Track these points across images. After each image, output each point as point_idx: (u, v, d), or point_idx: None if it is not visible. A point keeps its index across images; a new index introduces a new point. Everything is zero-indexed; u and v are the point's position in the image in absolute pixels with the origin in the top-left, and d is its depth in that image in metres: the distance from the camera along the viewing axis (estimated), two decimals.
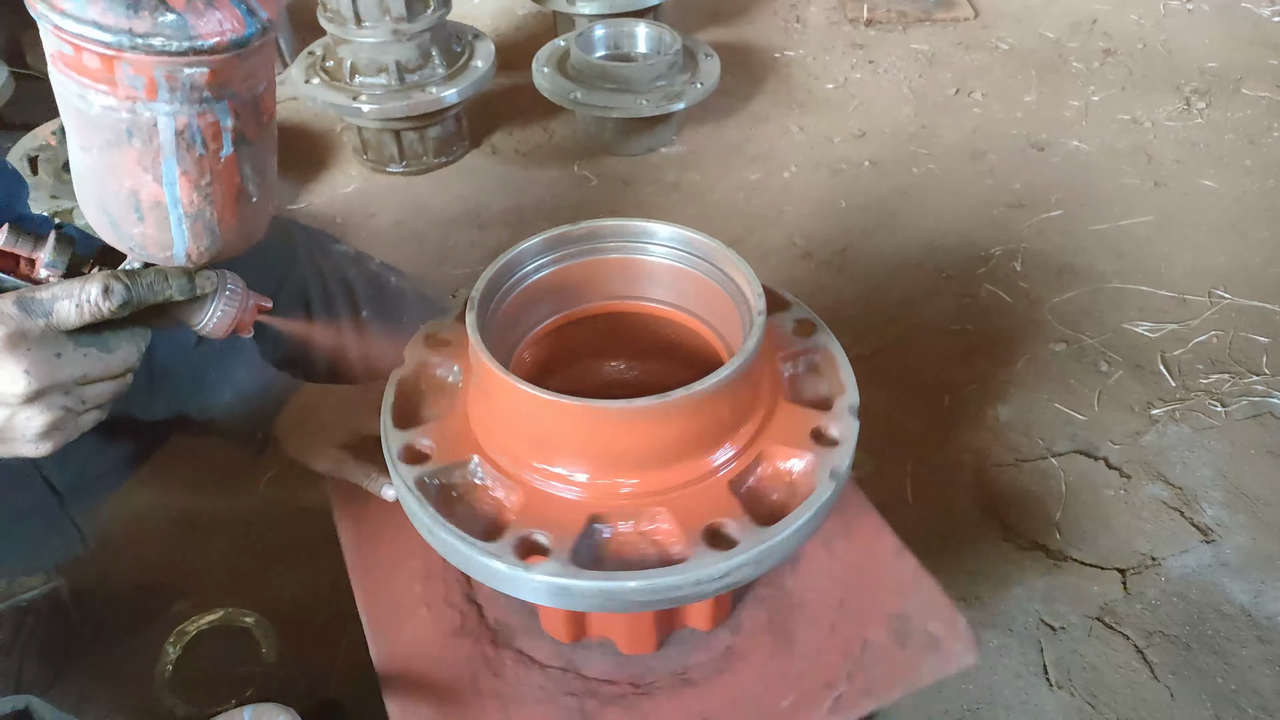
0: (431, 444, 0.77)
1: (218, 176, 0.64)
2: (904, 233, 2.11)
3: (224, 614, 1.22)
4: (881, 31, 2.94)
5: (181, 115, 0.60)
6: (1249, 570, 1.40)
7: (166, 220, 0.64)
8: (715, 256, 0.82)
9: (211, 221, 0.66)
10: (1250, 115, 2.47)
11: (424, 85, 2.19)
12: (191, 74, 0.58)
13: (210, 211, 0.65)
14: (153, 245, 0.66)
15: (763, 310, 0.74)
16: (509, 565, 0.68)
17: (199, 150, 0.62)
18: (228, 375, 1.03)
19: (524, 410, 0.71)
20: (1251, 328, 1.82)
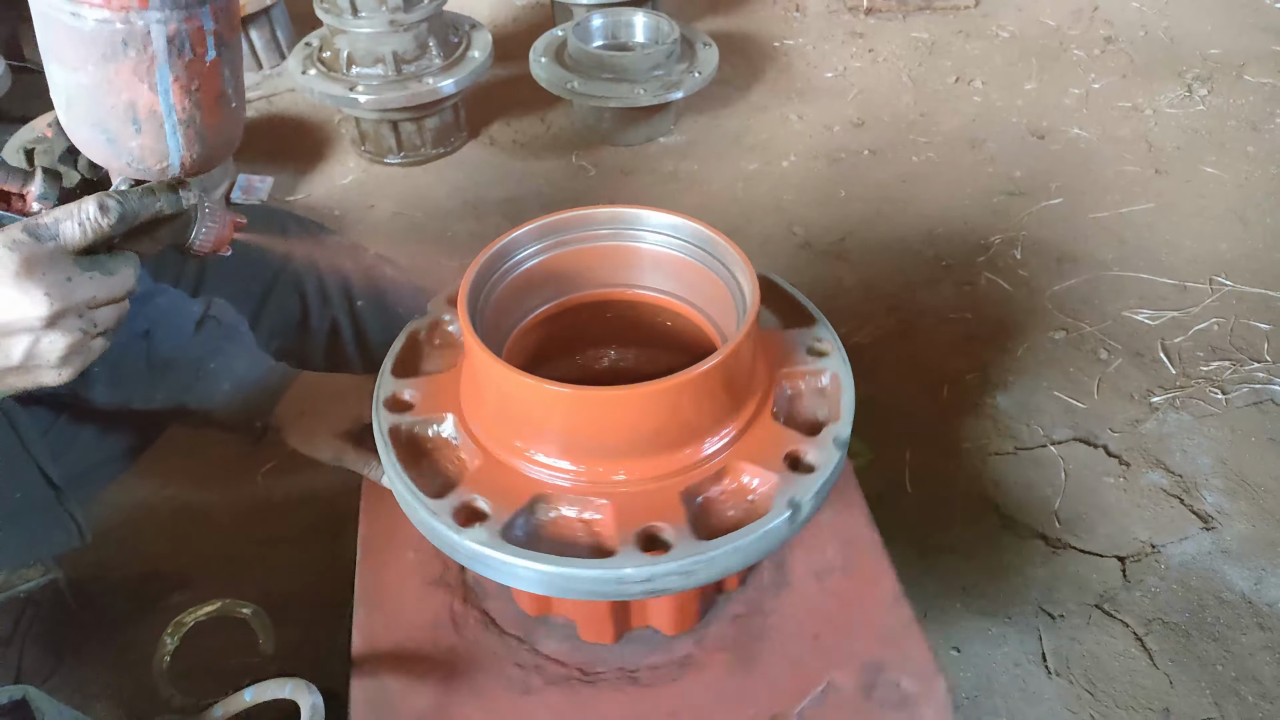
0: (416, 395, 0.79)
1: (205, 81, 0.67)
2: (903, 221, 2.10)
3: (222, 605, 1.21)
4: (881, 20, 2.93)
5: (171, 21, 0.63)
6: (1249, 557, 1.40)
7: (162, 129, 0.67)
8: (708, 243, 0.82)
9: (201, 127, 0.68)
10: (1252, 101, 2.46)
11: (421, 76, 2.18)
12: None
13: (199, 116, 0.68)
14: (150, 155, 0.68)
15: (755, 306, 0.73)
16: (445, 525, 0.69)
17: (188, 55, 0.65)
18: (227, 365, 1.03)
19: (488, 378, 0.72)
20: (1253, 314, 1.81)
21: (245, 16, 2.63)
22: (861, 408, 0.78)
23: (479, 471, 0.74)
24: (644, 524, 0.69)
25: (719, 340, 0.86)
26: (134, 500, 1.47)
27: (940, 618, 1.34)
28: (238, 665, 1.26)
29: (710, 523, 0.72)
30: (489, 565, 0.69)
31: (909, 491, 1.51)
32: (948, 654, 1.30)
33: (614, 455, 0.72)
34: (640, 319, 0.91)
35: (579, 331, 0.91)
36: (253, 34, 2.72)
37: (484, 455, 0.75)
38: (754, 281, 0.75)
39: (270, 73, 2.78)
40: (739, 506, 0.73)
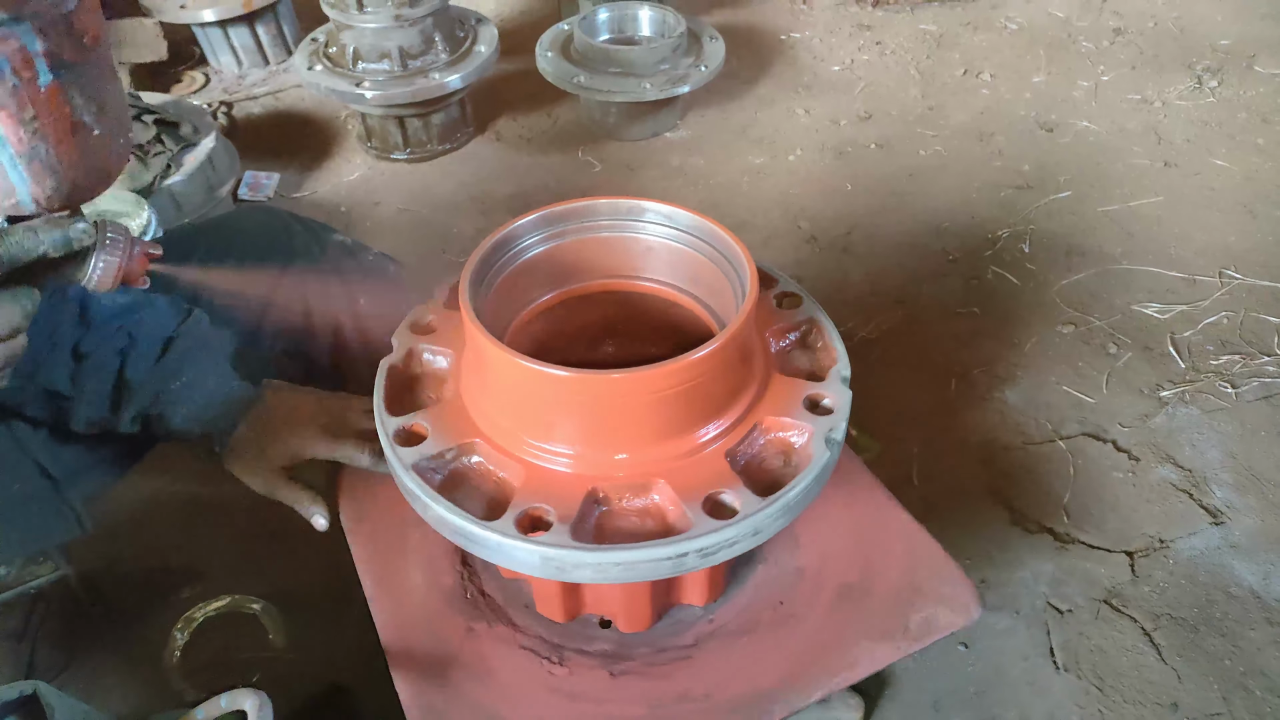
0: (427, 427, 0.78)
1: (43, 108, 0.59)
2: (911, 215, 2.10)
3: (231, 600, 1.22)
4: (889, 12, 2.92)
5: None
6: (1258, 552, 1.39)
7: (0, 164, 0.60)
8: (706, 234, 0.82)
9: (50, 159, 0.61)
10: (1263, 93, 2.44)
11: (427, 71, 2.18)
12: None
13: (45, 148, 0.60)
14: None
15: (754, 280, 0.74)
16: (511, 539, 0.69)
17: (10, 80, 0.57)
18: (188, 388, 1.02)
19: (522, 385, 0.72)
20: (1263, 308, 1.80)
21: (252, 12, 2.63)
22: (869, 402, 0.80)
23: (526, 483, 0.73)
24: (706, 493, 0.70)
25: (716, 328, 0.86)
26: (143, 495, 1.48)
27: None
28: (248, 659, 1.27)
29: (760, 479, 0.74)
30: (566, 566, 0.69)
31: (916, 485, 1.51)
32: (955, 649, 1.29)
33: (657, 436, 0.73)
34: (640, 309, 0.91)
35: (579, 322, 0.92)
36: (259, 29, 2.72)
37: (524, 467, 0.74)
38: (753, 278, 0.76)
39: (276, 68, 2.79)
40: (779, 457, 0.76)
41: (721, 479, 0.71)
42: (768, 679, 0.84)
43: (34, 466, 0.98)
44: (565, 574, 0.69)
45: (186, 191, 1.86)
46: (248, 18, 2.67)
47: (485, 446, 0.76)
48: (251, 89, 2.69)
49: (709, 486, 0.71)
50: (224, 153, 2.02)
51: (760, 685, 0.83)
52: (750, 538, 0.70)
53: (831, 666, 0.84)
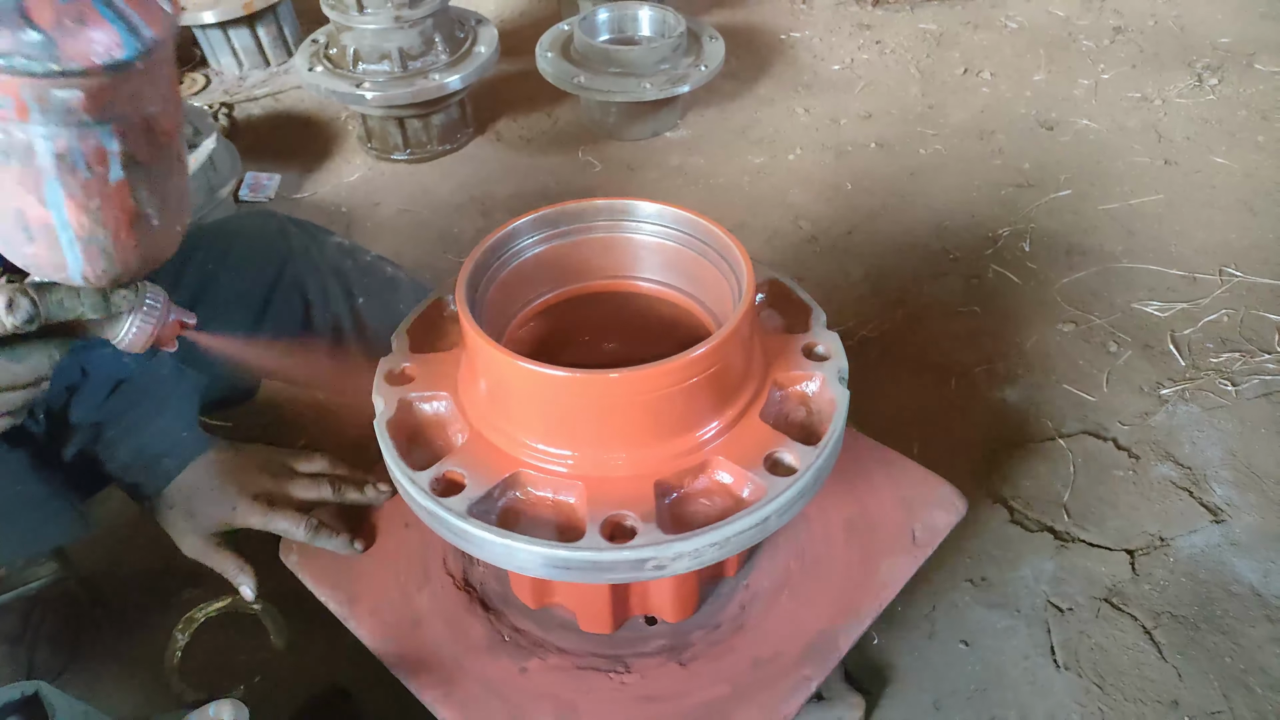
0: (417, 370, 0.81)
1: (108, 200, 0.60)
2: (911, 214, 2.10)
3: (232, 601, 1.23)
4: (889, 11, 2.92)
5: (60, 138, 0.56)
6: (1258, 549, 1.39)
7: (57, 242, 0.61)
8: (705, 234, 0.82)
9: (107, 245, 0.62)
10: (1263, 91, 2.44)
11: (427, 72, 2.18)
12: (64, 96, 0.54)
13: (104, 234, 0.62)
14: (46, 265, 0.63)
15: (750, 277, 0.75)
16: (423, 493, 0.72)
17: (83, 174, 0.58)
18: (125, 434, 1.01)
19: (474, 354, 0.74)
20: (1263, 305, 1.80)
21: (252, 14, 2.64)
22: (869, 401, 0.80)
23: (464, 447, 0.76)
24: (612, 511, 0.70)
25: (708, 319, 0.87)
26: None
27: (948, 611, 1.33)
28: (248, 661, 1.28)
29: (684, 515, 0.73)
30: (458, 535, 0.71)
31: None
32: (956, 647, 1.29)
33: (591, 441, 0.73)
34: (639, 310, 0.91)
35: (578, 322, 0.92)
36: (259, 31, 2.73)
37: (470, 432, 0.76)
38: (750, 276, 0.75)
39: (277, 70, 2.79)
40: (714, 503, 0.74)
41: (636, 504, 0.71)
42: (821, 620, 0.88)
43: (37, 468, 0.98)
44: (665, 569, 0.70)
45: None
46: (248, 19, 2.67)
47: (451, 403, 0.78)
48: (252, 90, 2.69)
49: (618, 507, 0.71)
50: (225, 154, 2.02)
51: (818, 628, 0.87)
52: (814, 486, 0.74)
53: (870, 591, 0.91)
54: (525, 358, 0.69)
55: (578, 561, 0.69)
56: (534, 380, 0.70)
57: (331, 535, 1.01)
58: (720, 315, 0.85)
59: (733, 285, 0.80)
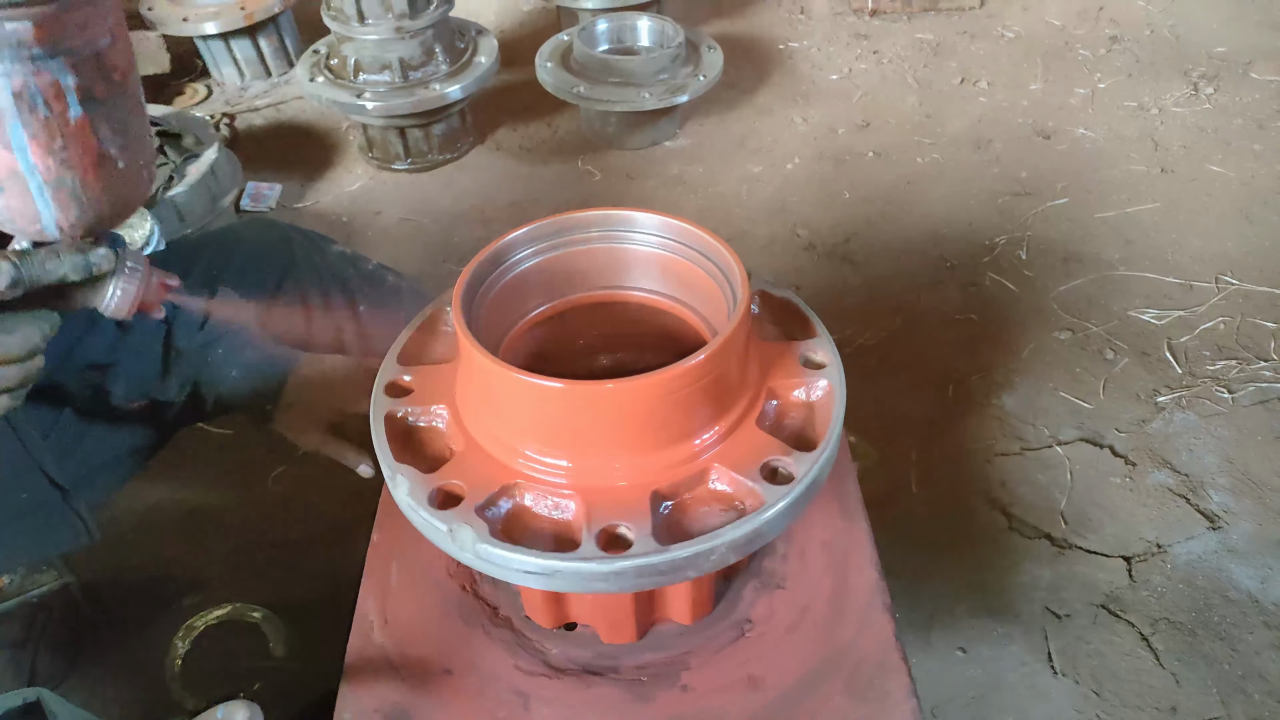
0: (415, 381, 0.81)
1: (71, 139, 0.61)
2: (908, 222, 2.11)
3: (232, 609, 1.24)
4: (886, 21, 2.93)
5: (15, 76, 0.57)
6: (1255, 556, 1.40)
7: (27, 190, 0.61)
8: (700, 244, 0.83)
9: (76, 188, 0.63)
10: (1259, 99, 2.45)
11: (428, 82, 2.20)
12: (14, 28, 0.55)
13: (72, 177, 0.62)
14: (20, 218, 0.63)
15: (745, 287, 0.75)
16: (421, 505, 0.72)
17: (43, 112, 0.59)
18: (233, 352, 1.08)
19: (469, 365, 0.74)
20: (1259, 313, 1.81)
21: (254, 25, 2.65)
22: (867, 408, 0.80)
23: (461, 457, 0.76)
24: (608, 522, 0.70)
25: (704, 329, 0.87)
26: (146, 504, 1.49)
27: (946, 618, 1.34)
28: (248, 668, 1.28)
29: (681, 525, 0.73)
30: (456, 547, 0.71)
31: (914, 492, 1.52)
32: (954, 654, 1.30)
33: (587, 451, 0.73)
34: (636, 320, 0.92)
35: (575, 333, 0.93)
36: (261, 42, 2.75)
37: (468, 442, 0.76)
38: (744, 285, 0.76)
39: (278, 80, 2.80)
40: (711, 512, 0.74)
41: (632, 514, 0.71)
42: None
43: (40, 475, 0.99)
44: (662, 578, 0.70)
45: (189, 202, 1.88)
46: (250, 30, 2.69)
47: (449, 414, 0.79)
48: (254, 101, 2.71)
49: (614, 517, 0.71)
50: (226, 164, 2.03)
51: None
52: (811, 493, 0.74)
53: None
54: (520, 369, 0.70)
55: (573, 572, 0.69)
56: (530, 391, 0.70)
57: None
58: (716, 324, 0.86)
59: (728, 294, 0.80)
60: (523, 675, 0.86)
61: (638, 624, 0.87)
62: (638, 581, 0.70)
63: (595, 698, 0.85)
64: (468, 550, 0.70)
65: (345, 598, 1.09)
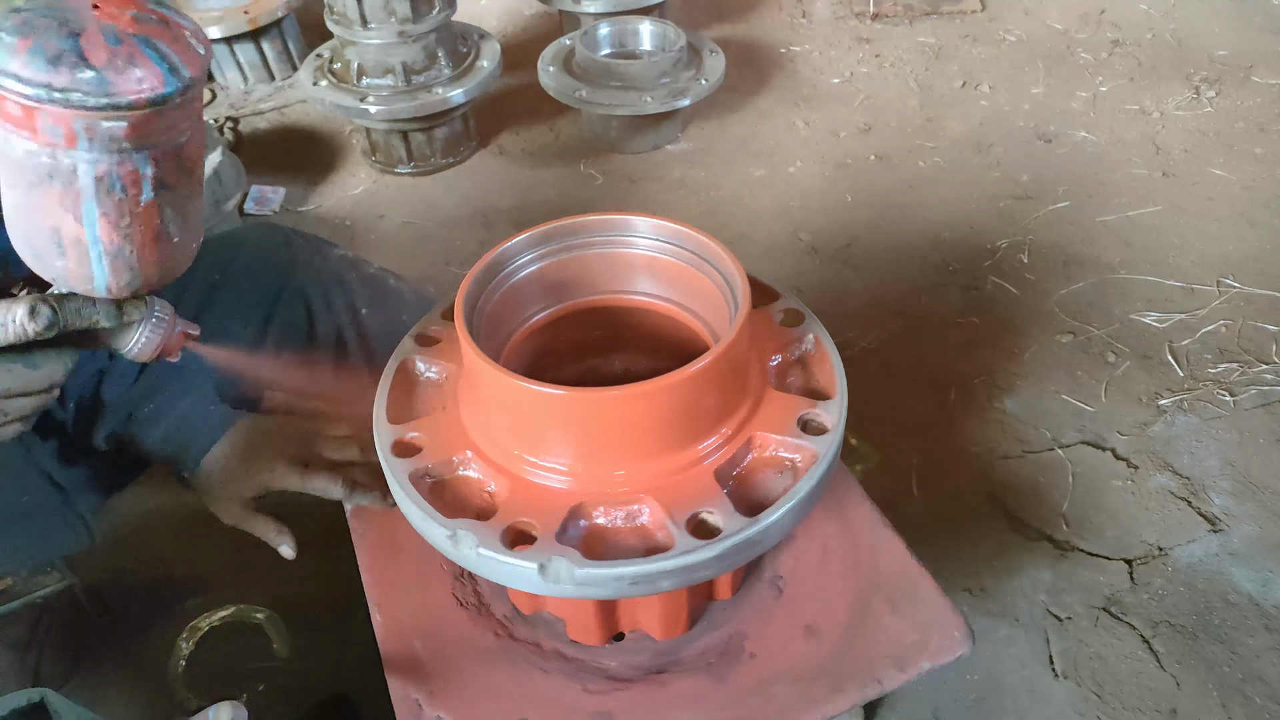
0: (423, 438, 0.79)
1: (137, 219, 0.65)
2: (910, 226, 2.11)
3: (236, 610, 1.24)
4: (888, 25, 2.94)
5: (101, 163, 0.61)
6: (1256, 559, 1.40)
7: (87, 256, 0.66)
8: (700, 247, 0.83)
9: (131, 259, 0.67)
10: (1261, 103, 2.45)
11: (430, 86, 2.20)
12: (110, 127, 0.60)
13: (130, 249, 0.67)
14: (74, 278, 0.67)
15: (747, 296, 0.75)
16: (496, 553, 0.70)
17: (118, 195, 0.63)
18: (162, 409, 1.04)
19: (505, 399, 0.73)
20: (1261, 316, 1.81)
21: (257, 29, 2.66)
22: (869, 412, 0.80)
23: (512, 496, 0.74)
24: (690, 512, 0.71)
25: (711, 340, 0.87)
26: (149, 506, 1.50)
27: None
28: (252, 669, 1.28)
29: (749, 496, 0.74)
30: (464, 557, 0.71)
31: (916, 495, 1.52)
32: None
33: (645, 453, 0.73)
34: (638, 324, 0.92)
35: (576, 338, 0.93)
36: (264, 46, 2.76)
37: (512, 480, 0.75)
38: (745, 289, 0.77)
39: (282, 84, 2.82)
40: (769, 475, 0.76)
41: (707, 498, 0.71)
42: None
43: (43, 477, 0.99)
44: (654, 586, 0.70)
45: None
46: (253, 34, 2.70)
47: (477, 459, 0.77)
48: (257, 104, 2.72)
49: (694, 506, 0.71)
50: (230, 167, 2.04)
51: None
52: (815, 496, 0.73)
53: None
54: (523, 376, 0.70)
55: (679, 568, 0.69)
56: (532, 398, 0.70)
57: (367, 492, 1.02)
58: (718, 329, 0.86)
59: (729, 299, 0.81)
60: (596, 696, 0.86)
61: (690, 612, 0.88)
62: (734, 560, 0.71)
63: (675, 694, 0.85)
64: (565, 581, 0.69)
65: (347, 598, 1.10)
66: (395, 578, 0.96)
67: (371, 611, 0.93)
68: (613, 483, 0.73)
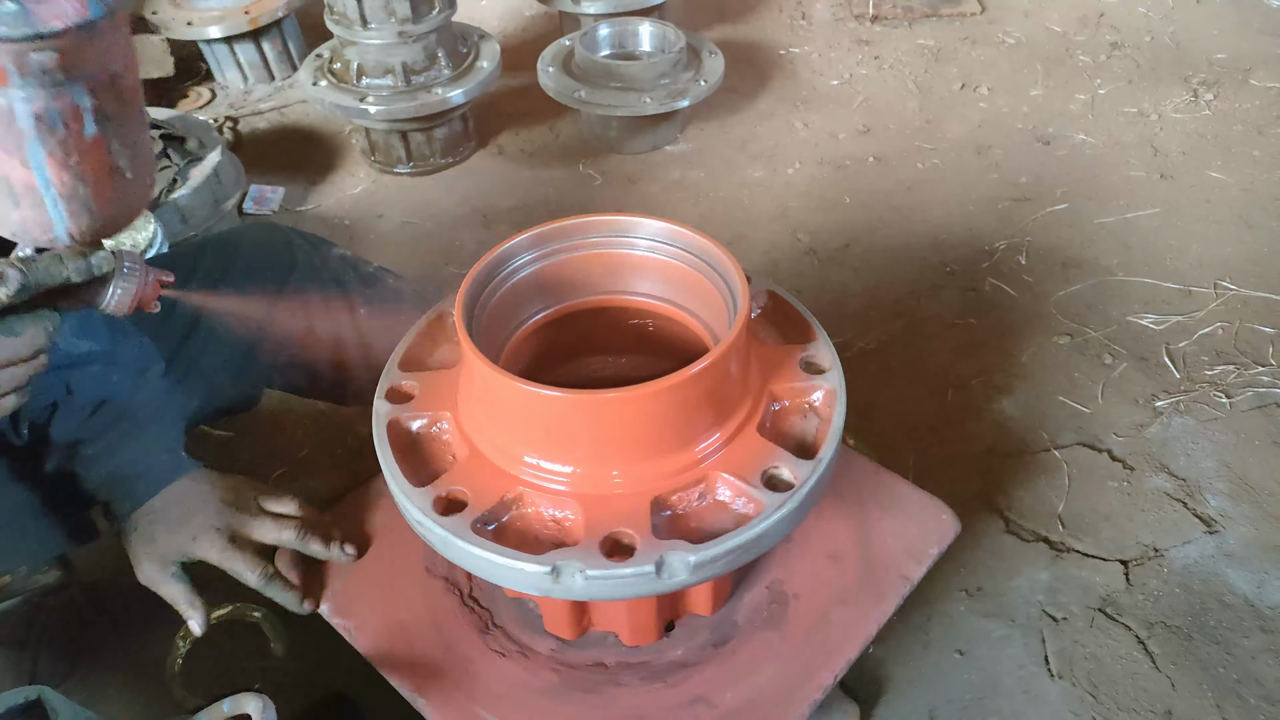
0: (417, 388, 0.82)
1: (85, 155, 0.64)
2: (908, 227, 2.12)
3: (233, 609, 1.23)
4: (887, 27, 2.94)
5: (37, 100, 0.60)
6: (1252, 561, 1.40)
7: (41, 202, 0.65)
8: (700, 250, 0.83)
9: (87, 199, 0.66)
10: (1258, 106, 2.46)
11: (430, 86, 2.21)
12: (40, 58, 0.59)
13: (84, 190, 0.65)
14: (34, 228, 0.66)
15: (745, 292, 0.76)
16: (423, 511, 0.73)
17: (61, 131, 0.62)
18: (103, 455, 1.01)
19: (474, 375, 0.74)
20: (1257, 319, 1.81)
21: (258, 29, 2.67)
22: (866, 412, 0.81)
23: (464, 465, 0.76)
24: (611, 530, 0.71)
25: (706, 335, 0.88)
26: None
27: (944, 620, 1.34)
28: (249, 668, 1.29)
29: (681, 532, 0.73)
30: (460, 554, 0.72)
31: None
32: (951, 656, 1.30)
33: (589, 459, 0.74)
34: (637, 325, 0.92)
35: (576, 337, 0.93)
36: (264, 45, 2.76)
37: (471, 450, 0.77)
38: (745, 292, 0.76)
39: (282, 84, 2.82)
40: (711, 519, 0.75)
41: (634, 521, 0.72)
42: None
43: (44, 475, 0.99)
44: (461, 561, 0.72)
45: (192, 205, 1.89)
46: (253, 34, 2.70)
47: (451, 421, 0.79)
48: (257, 104, 2.72)
49: (616, 524, 0.72)
50: (229, 167, 2.05)
51: None
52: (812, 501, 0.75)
53: None
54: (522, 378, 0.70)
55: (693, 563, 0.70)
56: (531, 400, 0.71)
57: (282, 589, 1.00)
58: (716, 329, 0.86)
59: (728, 299, 0.81)
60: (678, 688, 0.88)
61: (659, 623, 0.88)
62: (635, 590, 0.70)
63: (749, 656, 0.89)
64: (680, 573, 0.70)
65: None
66: None
67: None
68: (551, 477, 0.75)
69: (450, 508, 0.74)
